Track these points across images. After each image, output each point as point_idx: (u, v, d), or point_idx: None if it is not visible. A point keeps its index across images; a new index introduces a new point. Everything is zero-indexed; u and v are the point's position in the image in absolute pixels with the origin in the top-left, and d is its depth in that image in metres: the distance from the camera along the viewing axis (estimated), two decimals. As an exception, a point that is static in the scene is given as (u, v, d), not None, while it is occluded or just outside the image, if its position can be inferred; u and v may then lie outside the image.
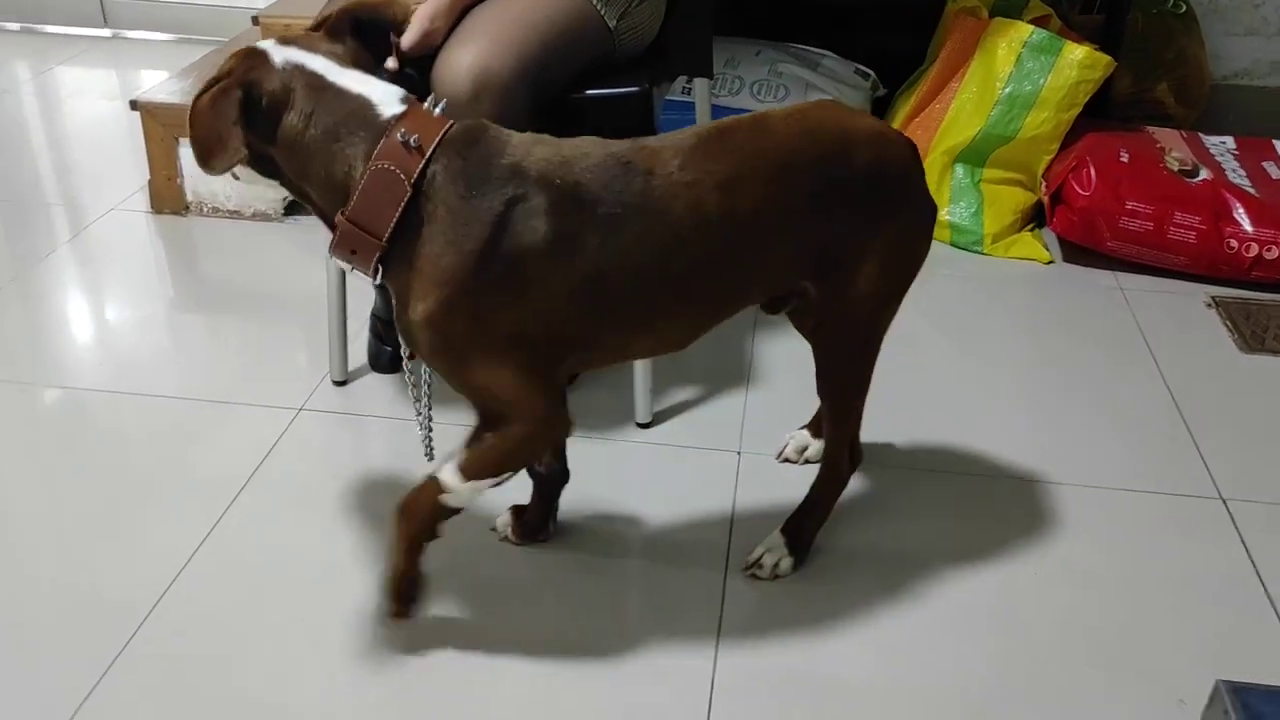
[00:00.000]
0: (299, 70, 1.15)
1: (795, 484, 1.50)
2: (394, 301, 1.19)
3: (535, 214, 1.13)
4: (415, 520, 1.28)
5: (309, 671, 1.31)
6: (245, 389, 1.81)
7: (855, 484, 1.63)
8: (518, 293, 1.15)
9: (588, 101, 1.55)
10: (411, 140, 1.12)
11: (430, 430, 1.36)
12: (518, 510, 1.51)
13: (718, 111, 2.19)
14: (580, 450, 1.69)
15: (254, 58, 1.15)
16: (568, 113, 1.54)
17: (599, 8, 1.55)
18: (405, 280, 1.16)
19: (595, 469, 1.65)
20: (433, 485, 1.25)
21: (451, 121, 1.17)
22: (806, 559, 1.48)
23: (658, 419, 1.77)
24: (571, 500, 1.55)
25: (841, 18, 2.64)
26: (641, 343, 1.31)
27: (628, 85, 1.56)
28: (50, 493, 1.60)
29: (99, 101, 3.08)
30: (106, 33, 3.52)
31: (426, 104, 1.18)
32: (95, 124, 2.92)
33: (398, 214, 1.12)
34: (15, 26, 3.56)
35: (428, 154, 1.12)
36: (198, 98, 1.13)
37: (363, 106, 1.14)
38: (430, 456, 1.35)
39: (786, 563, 1.46)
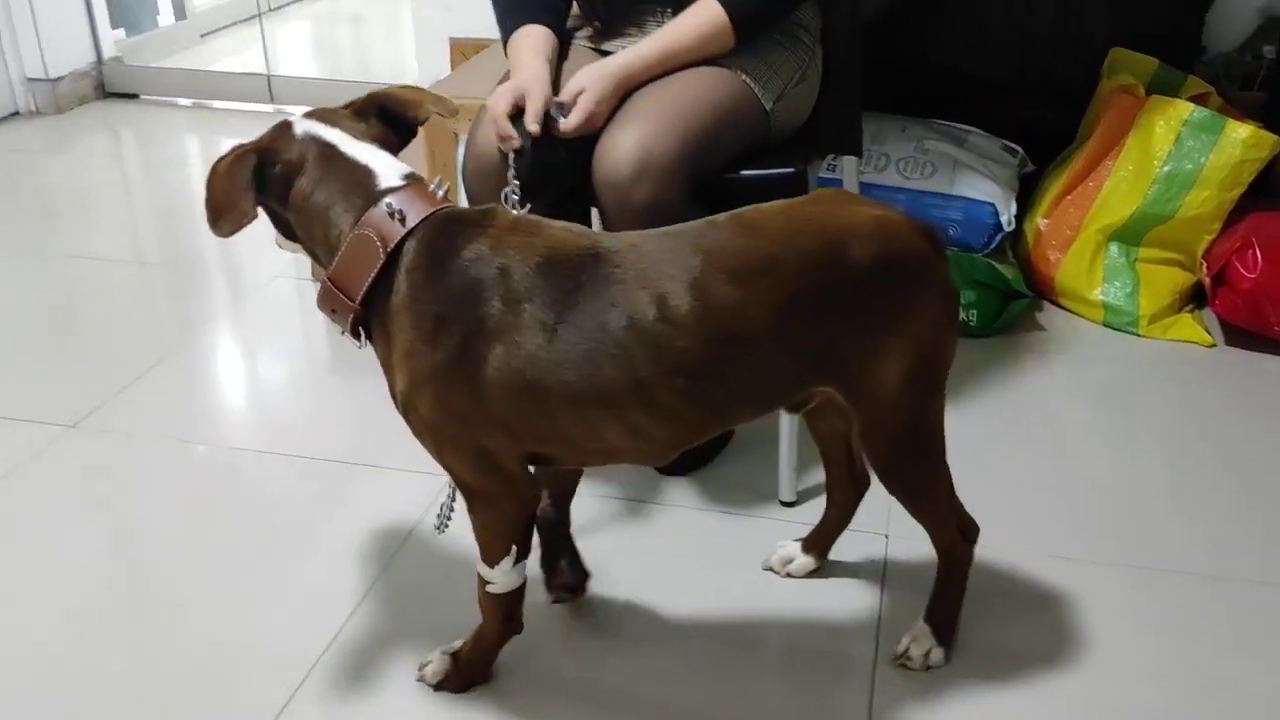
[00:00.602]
0: (314, 140, 1.21)
1: (948, 572, 1.46)
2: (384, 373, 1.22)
3: (488, 300, 1.14)
4: (486, 616, 1.35)
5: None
6: (400, 453, 1.86)
7: (1008, 572, 1.58)
8: (472, 378, 1.15)
9: (743, 182, 1.57)
10: (396, 212, 1.16)
11: (449, 501, 1.35)
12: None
13: (865, 190, 2.19)
14: (721, 527, 1.68)
15: (279, 128, 1.22)
16: (723, 194, 1.56)
17: (757, 91, 1.57)
18: (386, 353, 1.20)
19: (736, 547, 1.63)
20: (479, 579, 1.31)
21: (449, 204, 1.20)
22: (955, 646, 1.43)
23: (802, 497, 1.75)
24: (710, 581, 1.54)
25: (988, 93, 2.61)
26: (609, 446, 1.20)
27: (783, 166, 1.57)
28: (207, 550, 1.66)
29: (262, 173, 3.25)
30: (270, 108, 3.71)
31: (432, 185, 1.22)
32: (258, 194, 3.07)
33: (369, 280, 1.16)
34: (187, 103, 3.79)
35: (408, 228, 1.15)
36: (217, 162, 1.20)
37: (364, 176, 1.19)
38: (439, 528, 1.36)
39: (938, 653, 1.41)
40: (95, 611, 1.53)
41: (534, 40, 1.57)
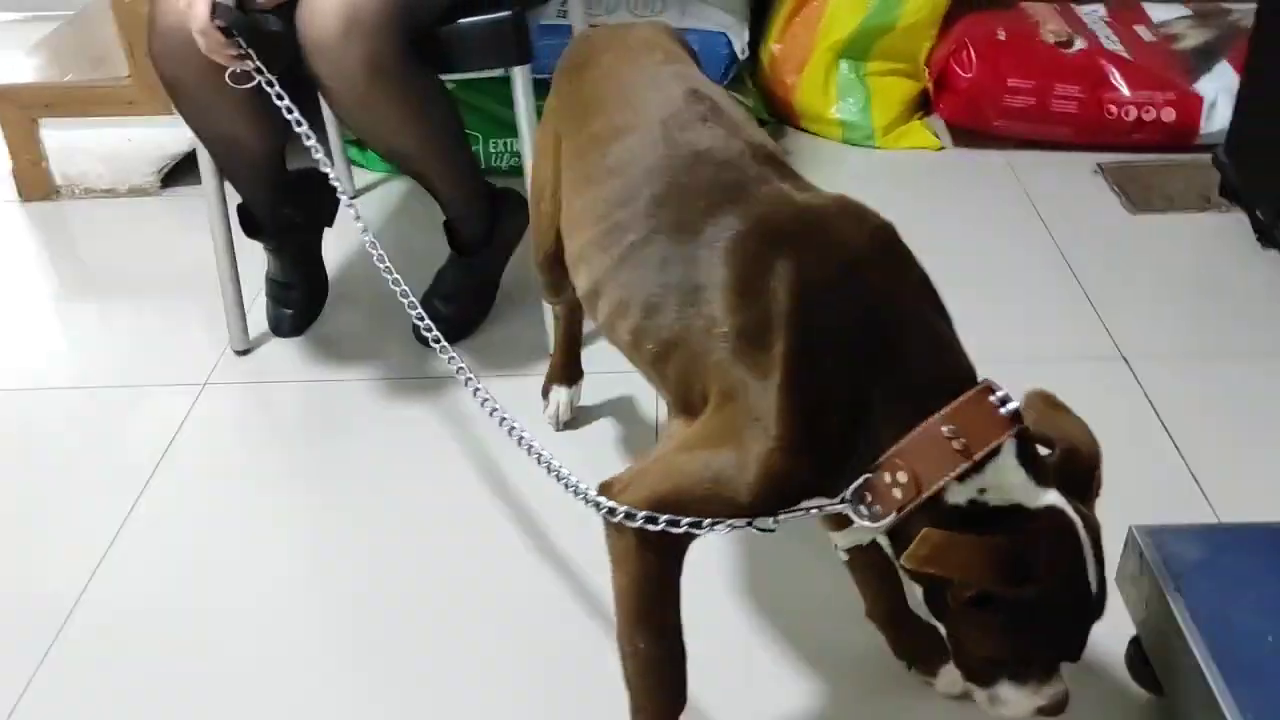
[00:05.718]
0: None
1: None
2: None
3: None
4: None
5: (238, 647, 1.29)
6: (145, 371, 1.76)
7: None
8: None
9: (462, 32, 1.51)
10: None
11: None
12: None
13: (596, 31, 2.15)
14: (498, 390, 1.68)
15: None
16: (443, 46, 1.51)
17: (460, -66, 1.50)
18: None
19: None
20: None
21: None
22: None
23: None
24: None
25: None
26: None
27: (499, 10, 1.52)
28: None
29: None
30: (-55, 17, 3.32)
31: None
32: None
33: None
34: None
35: None
36: None
37: None
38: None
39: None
40: None
41: None
